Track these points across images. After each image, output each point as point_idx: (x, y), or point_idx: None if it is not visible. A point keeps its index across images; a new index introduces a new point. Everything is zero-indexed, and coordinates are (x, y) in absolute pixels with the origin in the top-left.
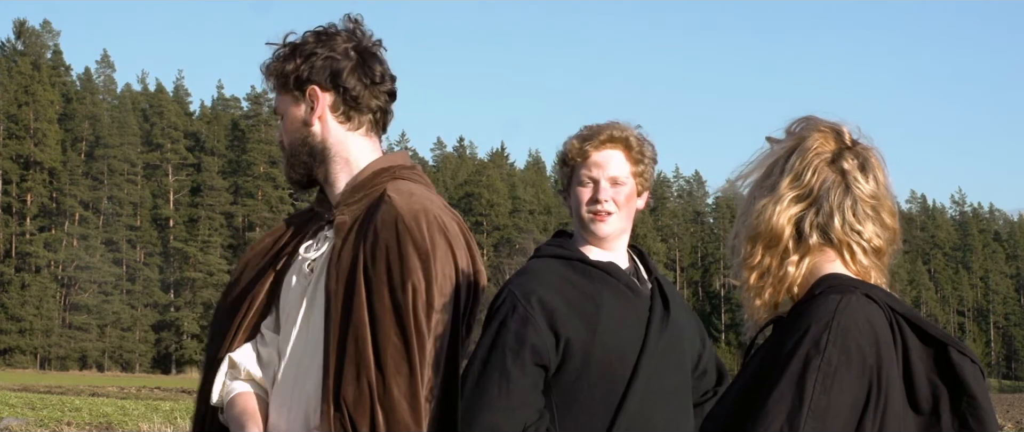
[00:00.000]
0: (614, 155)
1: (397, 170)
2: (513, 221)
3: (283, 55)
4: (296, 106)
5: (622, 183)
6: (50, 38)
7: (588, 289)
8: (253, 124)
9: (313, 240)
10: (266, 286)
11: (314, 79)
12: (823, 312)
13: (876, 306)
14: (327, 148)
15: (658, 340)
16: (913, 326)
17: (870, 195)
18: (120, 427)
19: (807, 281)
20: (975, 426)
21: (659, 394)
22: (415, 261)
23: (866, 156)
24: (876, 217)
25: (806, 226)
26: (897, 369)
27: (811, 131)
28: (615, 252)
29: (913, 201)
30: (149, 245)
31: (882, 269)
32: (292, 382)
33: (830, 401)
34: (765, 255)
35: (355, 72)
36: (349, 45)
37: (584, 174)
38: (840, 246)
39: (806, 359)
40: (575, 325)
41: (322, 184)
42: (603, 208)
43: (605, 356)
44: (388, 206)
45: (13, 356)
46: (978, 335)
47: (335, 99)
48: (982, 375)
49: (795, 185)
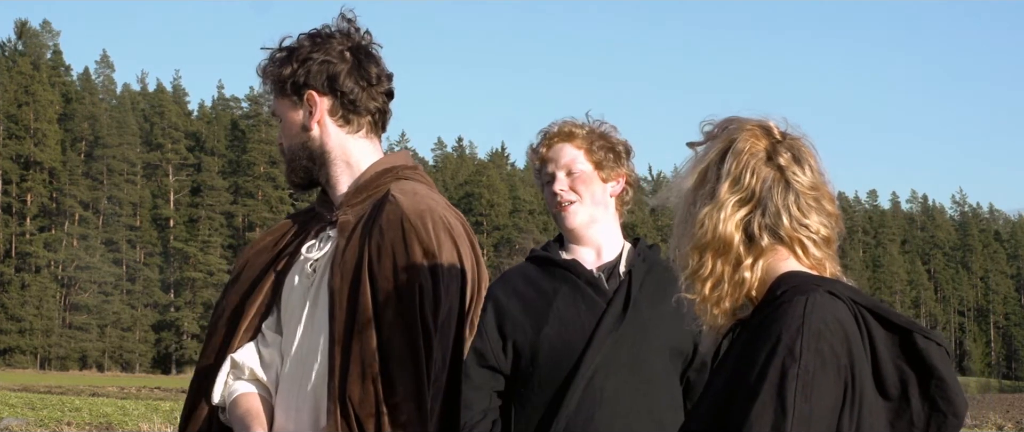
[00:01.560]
0: (562, 148)
1: (400, 170)
2: (513, 221)
3: (279, 59)
4: (294, 111)
5: (576, 172)
6: (50, 38)
7: (546, 287)
8: (253, 124)
9: (315, 240)
10: (267, 286)
11: (311, 84)
12: (792, 317)
13: (840, 302)
14: (327, 152)
15: (606, 338)
16: (876, 315)
17: (810, 186)
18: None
19: (764, 282)
20: (945, 407)
21: (605, 395)
22: (421, 260)
23: (798, 147)
24: (819, 207)
25: (755, 229)
26: (867, 362)
27: (739, 131)
28: (595, 244)
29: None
30: (149, 245)
31: (833, 257)
32: (297, 382)
33: (812, 407)
34: (716, 263)
35: (352, 75)
36: (344, 47)
37: (544, 174)
38: (791, 243)
39: (783, 368)
40: (523, 326)
41: (323, 186)
42: (562, 198)
43: (552, 355)
44: (392, 205)
45: (13, 356)
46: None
47: (333, 103)
48: (949, 357)
49: (735, 189)
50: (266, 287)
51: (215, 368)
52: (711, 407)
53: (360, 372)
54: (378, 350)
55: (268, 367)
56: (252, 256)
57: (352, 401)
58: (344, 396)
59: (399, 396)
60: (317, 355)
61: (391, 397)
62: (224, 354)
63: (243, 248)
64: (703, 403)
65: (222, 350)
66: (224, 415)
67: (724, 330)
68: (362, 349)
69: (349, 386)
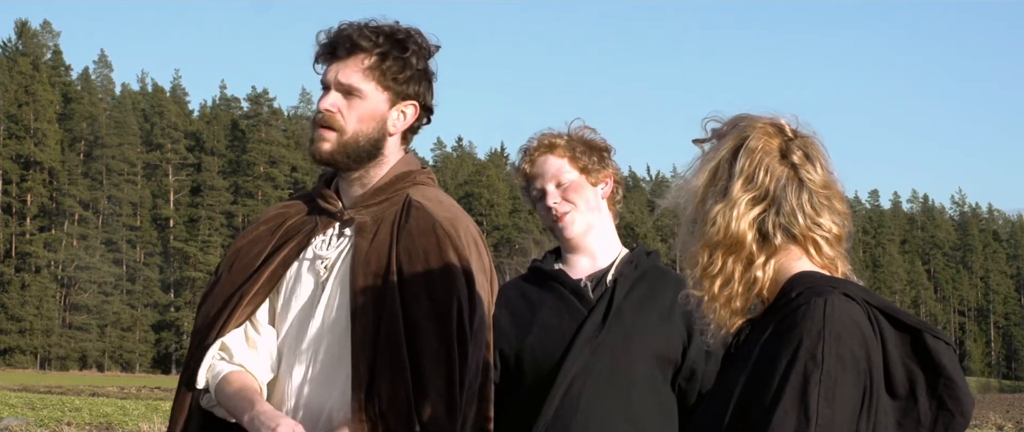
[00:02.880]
0: (546, 160)
1: (416, 175)
2: (513, 221)
3: (406, 50)
4: (384, 103)
5: (565, 182)
6: (50, 38)
7: (534, 298)
8: (253, 124)
9: (324, 236)
10: (265, 276)
11: (419, 97)
12: (813, 321)
13: (855, 304)
14: (384, 154)
15: (585, 347)
16: (887, 316)
17: (822, 185)
18: (120, 427)
19: (775, 282)
20: (953, 406)
21: (582, 403)
22: (457, 267)
23: (809, 146)
24: (830, 206)
25: (769, 227)
26: (880, 363)
27: (751, 129)
28: (590, 251)
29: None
30: (149, 245)
31: (844, 256)
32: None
33: (835, 413)
34: (727, 261)
35: (433, 96)
36: (434, 69)
37: (533, 191)
38: (805, 242)
39: (805, 373)
40: (508, 336)
41: (342, 173)
42: (557, 211)
43: (533, 365)
44: (422, 212)
45: (13, 356)
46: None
47: (417, 121)
48: (957, 357)
49: (749, 187)
50: (263, 278)
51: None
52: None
53: (390, 373)
54: (409, 353)
55: (260, 356)
56: (244, 246)
57: (381, 406)
58: (371, 394)
59: (430, 397)
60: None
61: (422, 398)
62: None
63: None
64: (717, 404)
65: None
66: (206, 398)
67: (734, 329)
68: (393, 354)
69: (378, 391)
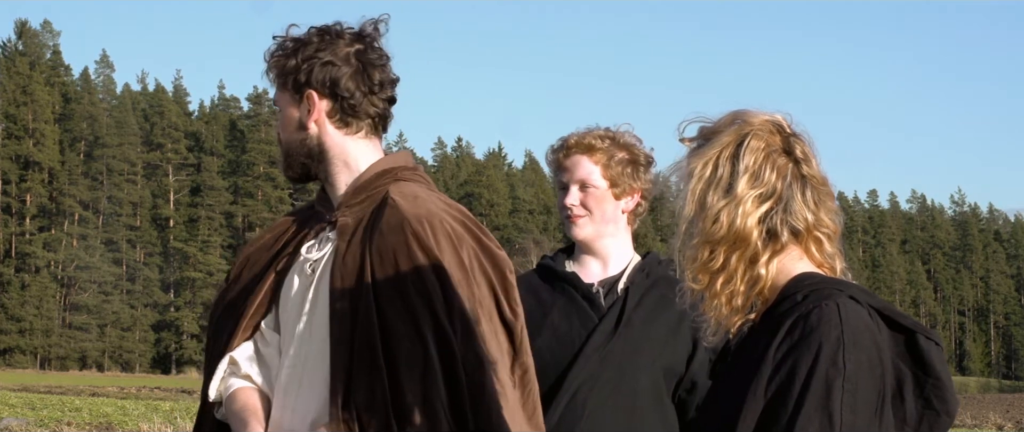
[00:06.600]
0: (580, 160)
1: (399, 171)
2: (513, 221)
3: (285, 51)
4: (293, 106)
5: (591, 187)
6: (50, 38)
7: (546, 299)
8: (253, 124)
9: (315, 240)
10: (267, 284)
11: (312, 84)
12: (830, 326)
13: (861, 307)
14: (324, 150)
15: (593, 354)
16: (883, 316)
17: (821, 182)
18: (120, 427)
19: (776, 282)
20: (939, 406)
21: (586, 410)
22: (425, 264)
23: (807, 143)
24: (827, 202)
25: (776, 225)
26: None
27: (752, 126)
28: (602, 256)
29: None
30: (149, 245)
31: (841, 253)
32: (296, 383)
33: (857, 419)
34: (730, 259)
35: (354, 79)
36: (351, 50)
37: (559, 181)
38: (808, 239)
39: (828, 380)
40: None
41: (322, 182)
42: (572, 212)
43: (542, 367)
44: (393, 209)
45: (13, 356)
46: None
47: (332, 106)
48: (944, 357)
49: (756, 184)
50: (266, 286)
51: (213, 368)
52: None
53: (366, 377)
54: (385, 354)
55: (267, 366)
56: (252, 254)
57: (357, 405)
58: (348, 400)
59: (407, 403)
60: (317, 357)
61: (399, 400)
62: (226, 352)
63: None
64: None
65: (225, 349)
66: (220, 411)
67: (733, 327)
68: (368, 354)
69: (354, 390)
